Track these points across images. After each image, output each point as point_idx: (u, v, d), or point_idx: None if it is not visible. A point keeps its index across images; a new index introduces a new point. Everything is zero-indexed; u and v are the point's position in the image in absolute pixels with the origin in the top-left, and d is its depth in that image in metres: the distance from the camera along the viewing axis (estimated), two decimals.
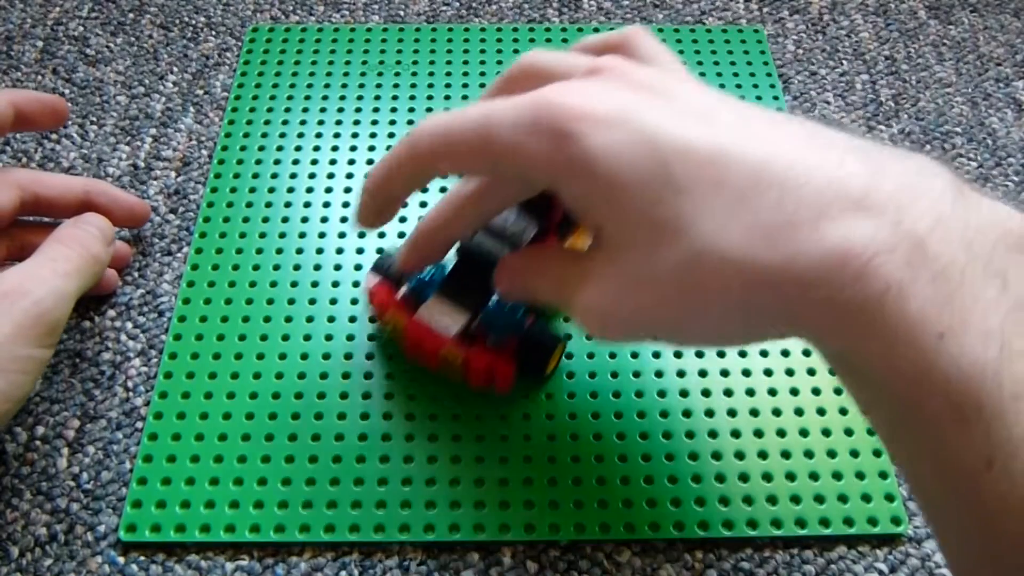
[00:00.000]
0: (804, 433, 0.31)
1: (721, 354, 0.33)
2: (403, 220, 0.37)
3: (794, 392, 0.32)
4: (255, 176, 0.38)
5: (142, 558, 0.28)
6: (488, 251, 0.29)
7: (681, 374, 0.32)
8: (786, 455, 0.30)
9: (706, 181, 0.20)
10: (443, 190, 0.38)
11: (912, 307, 0.18)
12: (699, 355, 0.33)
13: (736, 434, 0.31)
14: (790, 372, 0.32)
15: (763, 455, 0.30)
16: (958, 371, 0.18)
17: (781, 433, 0.31)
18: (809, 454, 0.30)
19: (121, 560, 0.28)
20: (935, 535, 0.22)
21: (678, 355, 0.33)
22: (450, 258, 0.29)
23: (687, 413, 0.31)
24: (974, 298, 0.19)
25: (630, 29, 0.26)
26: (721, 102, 0.22)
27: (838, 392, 0.32)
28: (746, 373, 0.32)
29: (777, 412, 0.31)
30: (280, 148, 0.39)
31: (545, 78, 0.24)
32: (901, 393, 0.19)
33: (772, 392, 0.32)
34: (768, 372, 0.32)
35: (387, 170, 0.25)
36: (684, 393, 0.32)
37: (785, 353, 0.33)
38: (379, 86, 0.42)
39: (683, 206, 0.20)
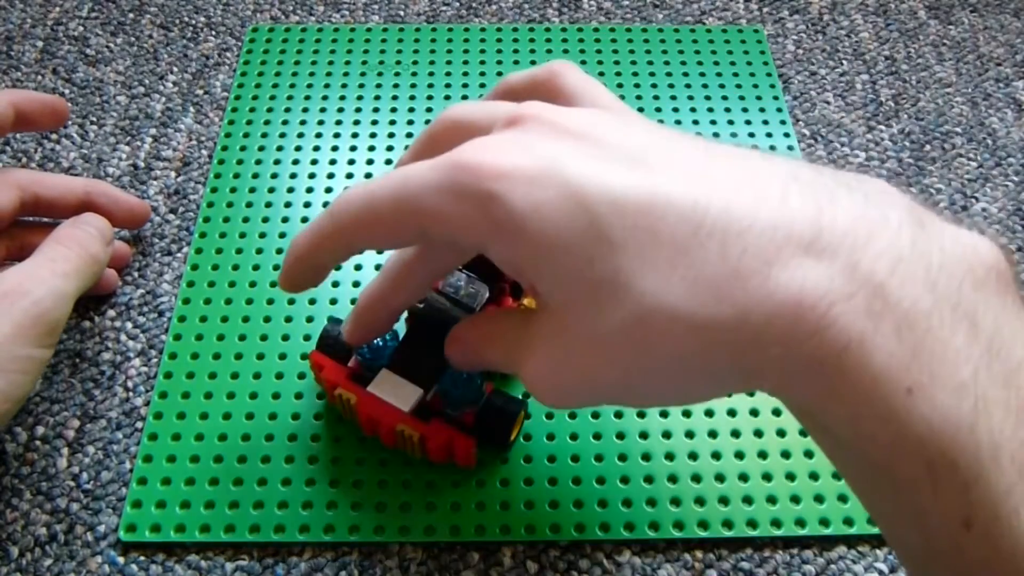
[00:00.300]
0: (804, 432, 0.31)
1: None
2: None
3: None
4: (255, 176, 0.38)
5: (142, 558, 0.28)
6: (440, 317, 0.28)
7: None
8: (786, 455, 0.30)
9: (642, 233, 0.19)
10: None
11: (876, 362, 0.17)
12: None
13: (736, 434, 0.31)
14: None
15: (763, 455, 0.30)
16: (929, 430, 0.17)
17: (781, 433, 0.31)
18: (809, 454, 0.30)
19: (121, 560, 0.28)
20: None
21: None
22: (401, 324, 0.28)
23: (687, 413, 0.31)
24: (943, 346, 0.17)
25: (555, 64, 0.25)
26: (651, 138, 0.21)
27: None
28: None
29: (777, 412, 0.31)
30: (280, 148, 0.39)
31: (466, 132, 0.22)
32: (871, 455, 0.18)
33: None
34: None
35: (312, 239, 0.24)
36: None
37: None
38: (379, 86, 0.42)
39: (620, 262, 0.19)
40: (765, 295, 0.18)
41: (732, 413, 0.31)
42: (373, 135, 0.40)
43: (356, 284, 0.35)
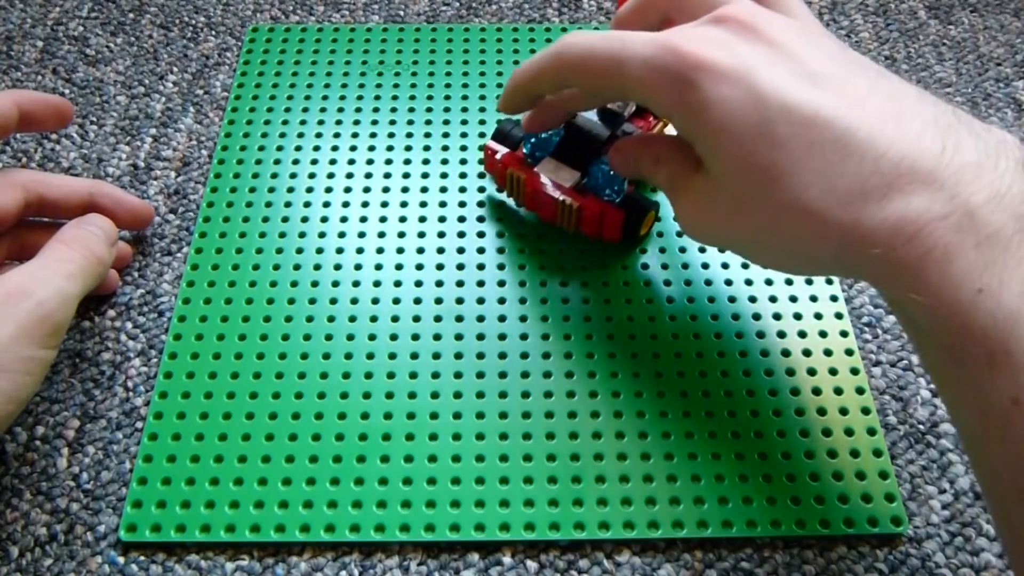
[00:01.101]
0: (804, 433, 0.31)
1: (721, 353, 0.33)
2: (402, 235, 0.37)
3: (795, 392, 0.32)
4: (255, 176, 0.38)
5: (142, 558, 0.28)
6: (591, 129, 0.35)
7: (680, 374, 0.32)
8: (786, 455, 0.30)
9: (801, 140, 0.23)
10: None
11: (955, 266, 0.21)
12: (698, 355, 0.33)
13: (736, 434, 0.31)
14: (791, 372, 0.32)
15: (763, 455, 0.30)
16: (992, 323, 0.21)
17: (781, 433, 0.31)
18: (809, 454, 0.30)
19: (121, 560, 0.28)
20: (974, 470, 0.25)
21: (677, 355, 0.33)
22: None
23: (686, 413, 0.31)
24: (1016, 262, 0.21)
25: None
26: (831, 62, 0.25)
27: (839, 392, 0.32)
28: (746, 373, 0.32)
29: (777, 412, 0.31)
30: (280, 148, 0.39)
31: (678, 9, 0.28)
32: (944, 341, 0.22)
33: (772, 392, 0.32)
34: (769, 372, 0.32)
35: (532, 72, 0.30)
36: (684, 393, 0.32)
37: (786, 353, 0.33)
38: (379, 86, 0.42)
39: (777, 158, 0.24)
40: (879, 211, 0.22)
41: (732, 413, 0.31)
42: (373, 135, 0.40)
43: (356, 283, 0.35)
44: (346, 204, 0.37)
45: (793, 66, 0.25)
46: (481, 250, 0.36)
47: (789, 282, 0.35)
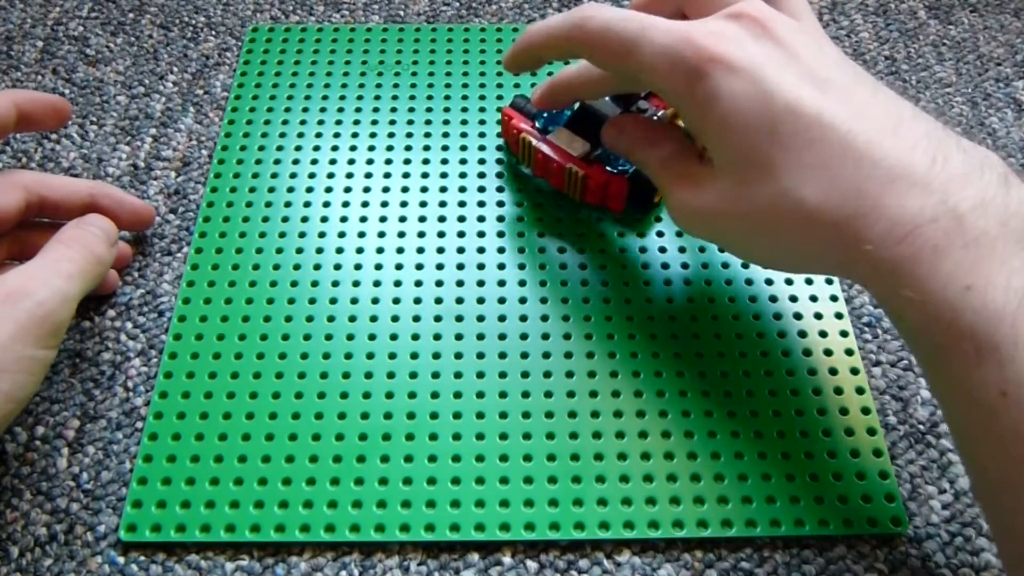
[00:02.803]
0: (804, 433, 0.31)
1: (720, 353, 0.33)
2: (402, 236, 0.37)
3: (795, 392, 0.32)
4: (255, 176, 0.38)
5: (142, 558, 0.28)
6: (601, 108, 0.36)
7: (680, 374, 0.32)
8: (785, 455, 0.30)
9: (803, 140, 0.24)
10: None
11: (944, 265, 0.23)
12: (698, 354, 0.33)
13: (735, 434, 0.31)
14: (791, 372, 0.32)
15: (762, 455, 0.30)
16: (980, 318, 0.22)
17: (781, 433, 0.31)
18: (809, 454, 0.30)
19: (121, 560, 0.28)
20: (964, 464, 0.25)
21: (677, 354, 0.33)
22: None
23: (686, 413, 0.31)
24: (1001, 262, 0.22)
25: None
26: (836, 69, 0.26)
27: (839, 392, 0.32)
28: (746, 373, 0.32)
29: (777, 413, 0.31)
30: (280, 148, 0.40)
31: (691, 3, 0.29)
32: (933, 336, 0.23)
33: (772, 392, 0.32)
34: (768, 372, 0.32)
35: (545, 36, 0.30)
36: (683, 393, 0.32)
37: (786, 353, 0.33)
38: (379, 86, 0.42)
39: (778, 156, 0.25)
40: (872, 209, 0.24)
41: (732, 414, 0.31)
42: (373, 135, 0.40)
43: (356, 284, 0.35)
44: (346, 204, 0.37)
45: (802, 69, 0.26)
46: (481, 250, 0.36)
47: (789, 282, 0.35)
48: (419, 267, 0.35)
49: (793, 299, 0.35)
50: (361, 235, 0.36)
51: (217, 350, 0.33)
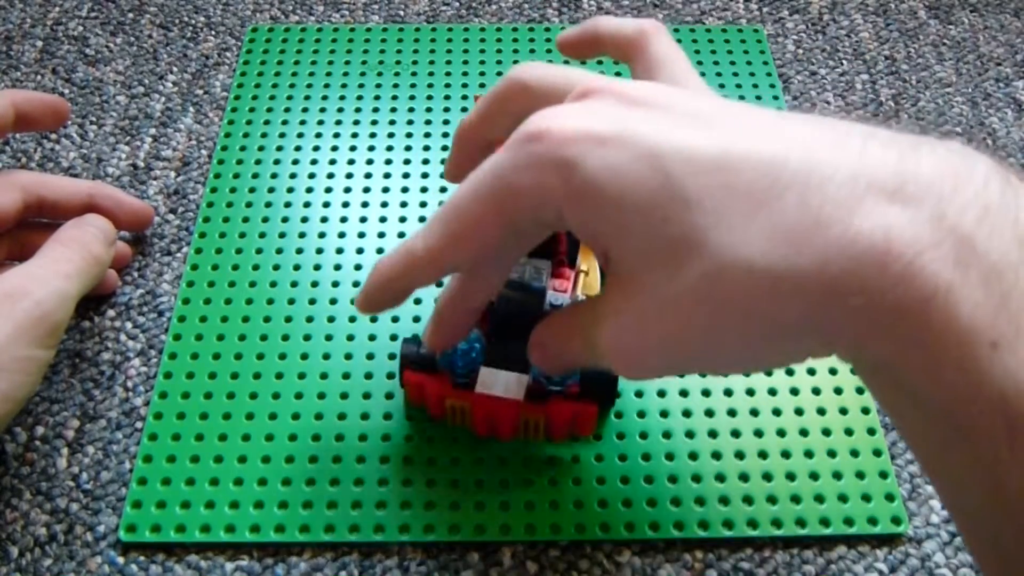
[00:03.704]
0: (804, 433, 0.31)
1: None
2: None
3: (794, 392, 0.32)
4: (255, 176, 0.38)
5: (142, 558, 0.28)
6: (518, 307, 0.28)
7: (680, 374, 0.32)
8: (786, 455, 0.30)
9: (717, 189, 0.19)
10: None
11: (963, 313, 0.16)
12: None
13: (736, 434, 0.31)
14: (790, 372, 0.32)
15: (763, 455, 0.30)
16: (1013, 387, 0.16)
17: (781, 433, 0.31)
18: (809, 454, 0.30)
19: (121, 560, 0.28)
20: (979, 563, 0.20)
21: None
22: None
23: (687, 413, 0.31)
24: None
25: (647, 25, 0.25)
26: (722, 105, 0.21)
27: (838, 392, 0.32)
28: (745, 373, 0.32)
29: (777, 412, 0.31)
30: (280, 148, 0.39)
31: (535, 100, 0.23)
32: (949, 409, 0.17)
33: (772, 392, 0.32)
34: (768, 372, 0.32)
35: (404, 263, 0.24)
36: (684, 393, 0.32)
37: None
38: (379, 86, 0.42)
39: (695, 219, 0.19)
40: (848, 242, 0.17)
41: (732, 413, 0.31)
42: (373, 135, 0.40)
43: (356, 284, 0.35)
44: (346, 204, 0.37)
45: (679, 117, 0.20)
46: None
47: None
48: None
49: None
50: (361, 235, 0.36)
51: (217, 350, 0.33)
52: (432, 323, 0.27)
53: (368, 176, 0.39)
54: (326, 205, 0.37)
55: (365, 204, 0.37)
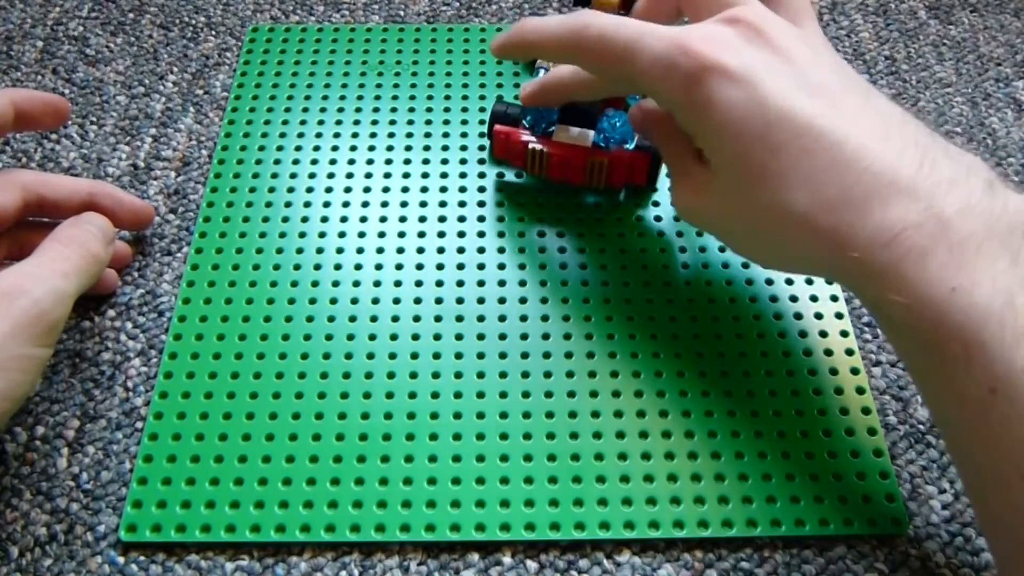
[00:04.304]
0: (805, 433, 0.31)
1: (721, 353, 0.33)
2: (402, 235, 0.37)
3: (795, 392, 0.32)
4: (255, 176, 0.38)
5: (142, 558, 0.28)
6: (583, 106, 0.36)
7: (680, 374, 0.32)
8: (786, 455, 0.30)
9: (795, 147, 0.25)
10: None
11: (931, 267, 0.23)
12: (699, 354, 0.33)
13: (736, 434, 0.31)
14: (791, 372, 0.32)
15: (762, 455, 0.30)
16: (967, 318, 0.22)
17: (781, 434, 0.31)
18: (809, 455, 0.30)
19: (121, 560, 0.28)
20: (955, 463, 0.26)
21: (677, 355, 0.33)
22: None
23: (686, 413, 0.31)
24: (987, 264, 0.23)
25: None
26: (832, 73, 0.27)
27: (839, 392, 0.32)
28: (746, 373, 0.32)
29: (777, 412, 0.31)
30: (280, 148, 0.39)
31: (690, 4, 0.30)
32: (921, 337, 0.23)
33: (772, 392, 0.32)
34: (768, 373, 0.32)
35: (542, 38, 0.30)
36: (683, 393, 0.32)
37: (786, 353, 0.33)
38: (379, 86, 0.42)
39: (770, 162, 0.25)
40: (858, 217, 0.24)
41: (732, 413, 0.31)
42: (373, 135, 0.40)
43: (356, 284, 0.35)
44: (346, 204, 0.37)
45: (796, 76, 0.26)
46: (481, 250, 0.36)
47: (790, 282, 0.35)
48: (419, 267, 0.35)
49: (793, 299, 0.35)
50: (361, 235, 0.36)
51: (217, 350, 0.33)
52: (536, 85, 0.34)
53: (368, 176, 0.39)
54: (326, 205, 0.37)
55: (365, 204, 0.37)
